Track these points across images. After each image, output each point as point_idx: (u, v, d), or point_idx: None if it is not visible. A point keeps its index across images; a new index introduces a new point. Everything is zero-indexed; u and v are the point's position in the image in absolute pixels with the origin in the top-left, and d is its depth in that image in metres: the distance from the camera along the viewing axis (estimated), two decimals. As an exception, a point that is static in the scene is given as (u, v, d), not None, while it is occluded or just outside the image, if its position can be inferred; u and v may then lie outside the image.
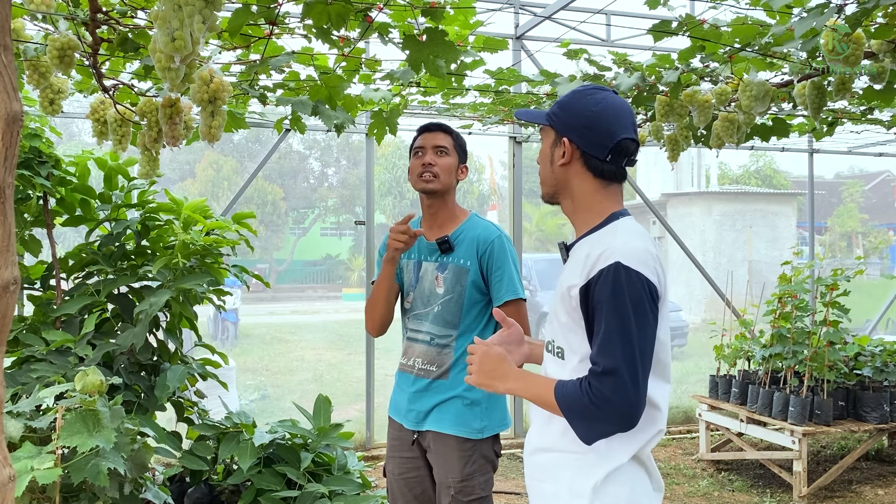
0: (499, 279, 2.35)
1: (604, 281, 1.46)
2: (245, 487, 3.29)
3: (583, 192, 1.62)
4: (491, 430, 2.37)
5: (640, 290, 1.46)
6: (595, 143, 1.58)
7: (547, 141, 1.66)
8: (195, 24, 1.67)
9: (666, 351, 1.56)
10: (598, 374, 1.43)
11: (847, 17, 2.45)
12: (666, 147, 3.83)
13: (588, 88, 1.64)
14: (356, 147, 26.44)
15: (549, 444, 1.61)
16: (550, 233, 24.72)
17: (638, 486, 1.54)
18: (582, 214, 1.63)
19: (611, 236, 1.55)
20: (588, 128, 1.58)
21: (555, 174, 1.64)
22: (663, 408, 1.57)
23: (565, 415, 1.48)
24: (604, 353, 1.44)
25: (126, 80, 2.94)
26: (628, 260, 1.47)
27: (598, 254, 1.49)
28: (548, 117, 1.65)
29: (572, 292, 1.53)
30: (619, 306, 1.44)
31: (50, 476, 2.24)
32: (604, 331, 1.45)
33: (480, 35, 2.94)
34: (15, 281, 1.15)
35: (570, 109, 1.61)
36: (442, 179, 2.40)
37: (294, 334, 14.72)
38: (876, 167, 31.54)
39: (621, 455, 1.52)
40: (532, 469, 1.66)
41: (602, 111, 1.58)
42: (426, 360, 2.41)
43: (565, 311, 1.57)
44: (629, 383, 1.41)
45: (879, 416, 4.79)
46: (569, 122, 1.60)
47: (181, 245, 3.21)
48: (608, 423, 1.44)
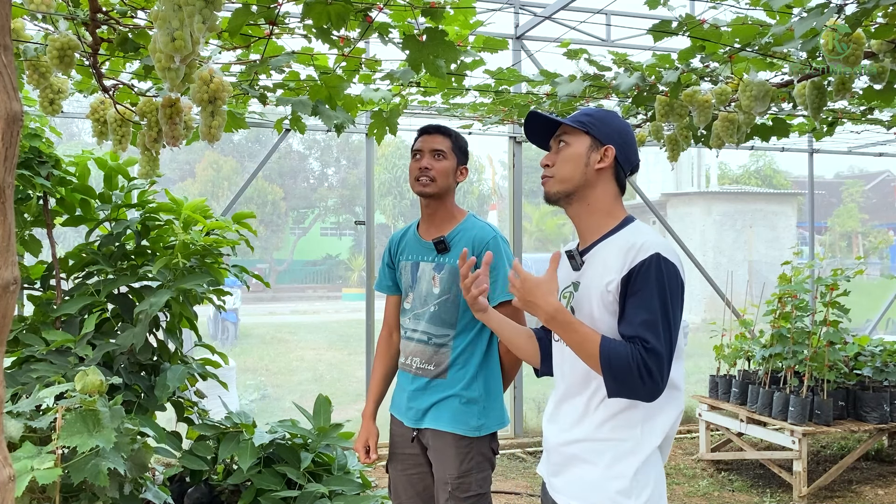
0: (493, 280, 2.35)
1: (646, 269, 1.61)
2: (245, 487, 3.29)
3: (606, 198, 1.78)
4: (488, 429, 2.37)
5: (676, 281, 1.63)
6: (627, 157, 1.79)
7: (581, 145, 1.78)
8: (195, 24, 1.67)
9: (683, 338, 1.73)
10: (648, 350, 1.57)
11: (847, 17, 2.45)
12: (666, 147, 3.83)
13: (614, 112, 1.86)
14: (356, 147, 26.44)
15: (584, 435, 1.71)
16: (550, 233, 24.72)
17: (657, 468, 1.70)
18: (598, 217, 1.77)
19: (640, 234, 1.70)
20: (626, 144, 1.79)
21: (586, 176, 1.76)
22: (682, 387, 1.75)
23: (604, 369, 1.59)
24: (653, 332, 1.58)
25: (126, 80, 2.94)
26: (666, 252, 1.64)
27: (638, 247, 1.64)
28: (582, 124, 1.78)
29: (610, 287, 1.65)
30: (662, 293, 1.60)
31: (50, 476, 2.24)
32: (649, 311, 1.59)
33: (480, 35, 2.94)
34: (15, 281, 1.15)
35: (610, 124, 1.79)
36: (438, 183, 2.40)
37: (294, 334, 14.72)
38: (876, 167, 31.56)
39: (653, 440, 1.67)
40: (561, 458, 1.76)
41: (632, 134, 1.83)
42: (424, 359, 2.41)
43: (601, 305, 1.68)
44: (666, 366, 1.59)
45: (879, 416, 4.79)
46: (611, 135, 1.78)
47: (181, 245, 3.21)
48: (639, 392, 1.58)
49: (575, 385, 1.74)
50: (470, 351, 2.38)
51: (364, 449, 2.52)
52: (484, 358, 2.40)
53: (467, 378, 2.36)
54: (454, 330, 2.38)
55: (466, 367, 2.37)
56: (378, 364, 2.63)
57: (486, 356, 2.40)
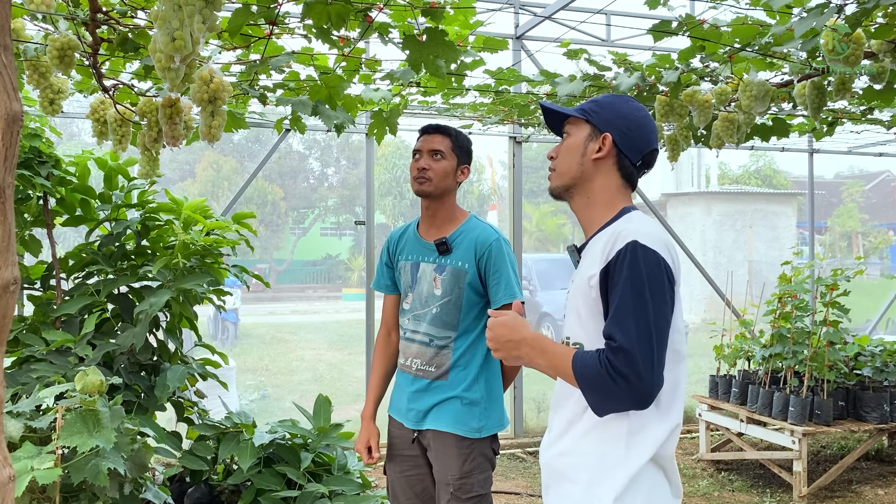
0: (496, 282, 2.34)
1: (622, 260, 1.48)
2: (245, 487, 3.29)
3: (606, 189, 1.65)
4: (489, 430, 2.37)
5: (656, 268, 1.47)
6: (633, 146, 1.64)
7: (579, 134, 1.67)
8: (195, 24, 1.67)
9: (679, 339, 1.55)
10: (614, 350, 1.43)
11: (847, 17, 2.45)
12: (666, 147, 3.83)
13: (625, 96, 1.72)
14: (356, 147, 26.43)
15: (568, 447, 1.59)
16: (550, 233, 24.72)
17: (655, 491, 1.52)
18: (597, 210, 1.65)
19: (626, 223, 1.57)
20: (631, 130, 1.64)
21: (583, 166, 1.65)
22: (677, 398, 1.54)
23: (580, 385, 1.48)
24: (620, 328, 1.44)
25: (126, 80, 2.94)
26: (645, 239, 1.49)
27: (616, 236, 1.52)
28: (583, 112, 1.68)
29: (592, 282, 1.54)
30: (636, 282, 1.45)
31: (50, 476, 2.24)
32: (619, 306, 1.45)
33: (480, 35, 2.94)
34: (15, 281, 1.15)
35: (614, 110, 1.66)
36: (435, 183, 2.39)
37: (294, 334, 14.71)
38: (876, 167, 31.55)
39: (642, 455, 1.50)
40: (548, 472, 1.65)
41: (643, 118, 1.66)
42: (424, 360, 2.41)
43: (585, 304, 1.57)
44: (643, 361, 1.41)
45: (879, 416, 4.79)
46: (612, 121, 1.65)
47: (181, 245, 3.21)
48: (622, 399, 1.44)
49: (562, 394, 1.64)
50: (471, 353, 2.38)
51: (366, 450, 2.51)
52: (485, 359, 2.39)
53: (469, 380, 2.36)
54: (456, 332, 2.37)
55: (468, 368, 2.36)
56: (377, 364, 2.62)
57: (487, 358, 2.40)
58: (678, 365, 1.56)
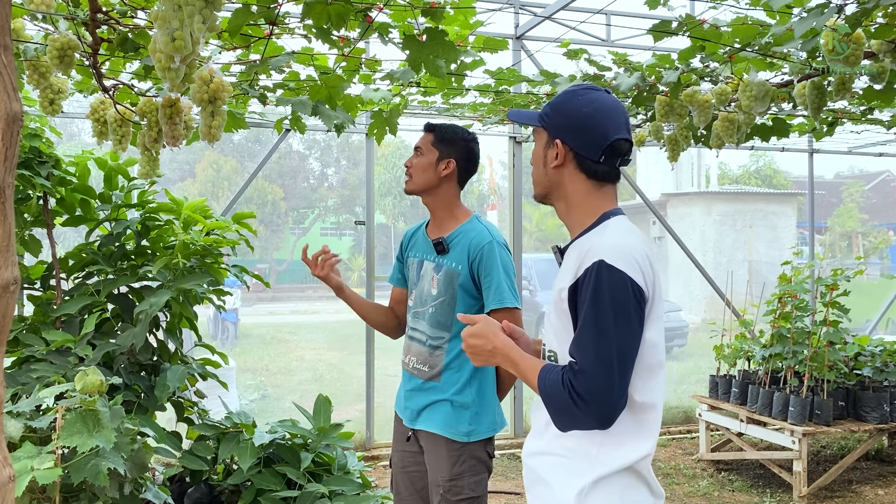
0: (487, 287, 2.32)
1: (588, 281, 1.44)
2: (245, 487, 3.29)
3: (576, 194, 1.60)
4: (479, 435, 2.33)
5: (621, 290, 1.42)
6: (588, 144, 1.56)
7: (540, 142, 1.64)
8: (195, 24, 1.67)
9: (655, 353, 1.51)
10: (575, 371, 1.42)
11: (847, 17, 2.45)
12: (666, 147, 3.83)
13: (580, 88, 1.61)
14: (356, 147, 26.44)
15: (544, 447, 1.59)
16: (550, 233, 24.71)
17: (629, 493, 1.49)
18: (576, 216, 1.61)
19: (598, 236, 1.53)
20: (581, 129, 1.56)
21: (548, 176, 1.62)
22: (651, 414, 1.51)
23: (544, 401, 1.48)
24: (581, 350, 1.43)
25: (126, 80, 2.94)
26: (612, 258, 1.44)
27: (585, 253, 1.48)
28: (540, 118, 1.63)
29: (562, 294, 1.52)
30: (599, 304, 1.42)
31: (50, 476, 2.24)
32: (582, 327, 1.44)
33: (480, 35, 2.94)
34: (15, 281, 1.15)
35: (562, 111, 1.59)
36: (415, 180, 2.41)
37: (294, 334, 14.71)
38: (876, 167, 31.55)
39: (613, 462, 1.48)
40: (527, 472, 1.65)
41: (595, 111, 1.56)
42: (420, 359, 2.41)
43: (557, 314, 1.55)
44: (604, 384, 1.39)
45: (879, 416, 4.79)
46: (561, 124, 1.58)
47: (181, 245, 3.21)
48: (582, 419, 1.43)
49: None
50: (465, 356, 2.36)
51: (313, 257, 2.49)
52: None
53: (461, 383, 2.34)
54: (449, 333, 2.36)
55: (461, 371, 2.34)
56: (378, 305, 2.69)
57: None
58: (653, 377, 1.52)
